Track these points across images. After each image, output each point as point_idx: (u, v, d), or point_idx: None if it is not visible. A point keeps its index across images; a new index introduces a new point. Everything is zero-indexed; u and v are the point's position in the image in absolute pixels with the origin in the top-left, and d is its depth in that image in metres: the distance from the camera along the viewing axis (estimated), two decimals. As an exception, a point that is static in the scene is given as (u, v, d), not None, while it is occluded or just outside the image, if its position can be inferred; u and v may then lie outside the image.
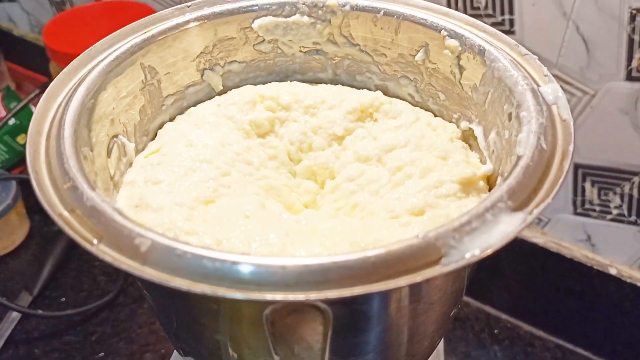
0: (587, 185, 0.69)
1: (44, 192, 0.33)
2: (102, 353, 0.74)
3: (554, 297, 0.77)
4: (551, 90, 0.38)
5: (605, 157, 0.66)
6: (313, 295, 0.27)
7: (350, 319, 0.34)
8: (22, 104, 0.80)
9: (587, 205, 0.71)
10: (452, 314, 0.40)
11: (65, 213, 0.31)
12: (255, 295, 0.28)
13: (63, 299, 0.80)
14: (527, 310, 0.80)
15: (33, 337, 0.75)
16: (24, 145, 0.87)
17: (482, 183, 0.41)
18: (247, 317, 0.34)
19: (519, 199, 0.31)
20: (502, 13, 0.64)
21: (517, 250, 0.76)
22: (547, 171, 0.33)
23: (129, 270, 0.28)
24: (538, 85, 0.39)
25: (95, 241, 0.30)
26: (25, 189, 0.87)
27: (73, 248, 0.86)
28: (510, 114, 0.39)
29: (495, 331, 0.79)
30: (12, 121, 0.86)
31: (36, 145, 0.36)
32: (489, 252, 0.29)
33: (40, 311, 0.76)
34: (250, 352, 0.37)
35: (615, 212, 0.69)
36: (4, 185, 0.83)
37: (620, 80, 0.61)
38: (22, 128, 0.86)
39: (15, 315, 0.76)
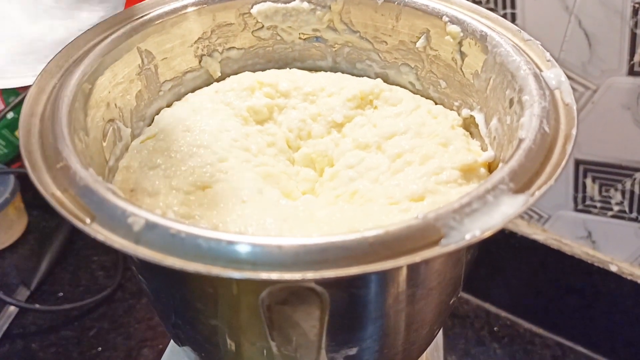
0: (588, 181, 0.69)
1: (37, 172, 0.32)
2: (100, 348, 0.73)
3: (554, 294, 0.77)
4: (554, 75, 0.38)
5: (606, 153, 0.66)
6: (309, 275, 0.27)
7: (347, 304, 0.33)
8: (20, 98, 0.80)
9: (588, 202, 0.71)
10: (451, 302, 0.40)
11: (58, 192, 0.31)
12: (250, 274, 0.27)
13: (60, 294, 0.79)
14: (527, 307, 0.80)
15: (30, 331, 0.75)
16: (23, 140, 0.86)
17: (483, 170, 0.40)
18: (243, 301, 0.33)
19: (521, 181, 0.31)
20: (504, 7, 0.64)
21: (518, 247, 0.75)
22: (550, 154, 0.33)
23: (122, 249, 0.28)
24: (541, 70, 0.38)
25: (88, 220, 0.29)
26: (24, 183, 0.87)
27: (71, 243, 0.86)
28: (512, 99, 0.38)
29: (495, 328, 0.79)
30: (10, 115, 0.85)
31: (29, 126, 0.35)
32: (489, 233, 0.28)
33: (37, 305, 0.75)
34: (246, 338, 0.36)
35: (616, 208, 0.69)
36: (3, 179, 0.82)
37: (623, 75, 0.61)
38: (21, 122, 0.86)
39: (12, 310, 0.76)
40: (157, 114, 0.45)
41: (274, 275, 0.27)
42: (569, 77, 0.63)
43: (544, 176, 0.32)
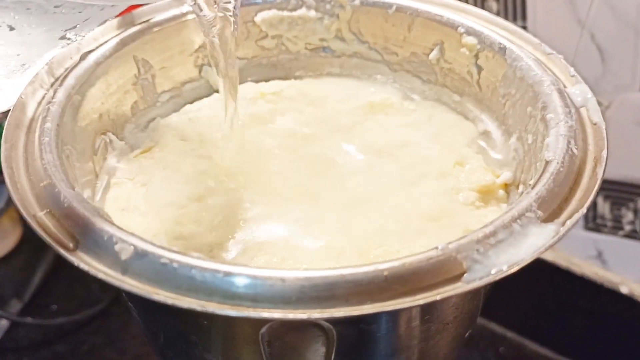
0: (599, 199, 0.68)
1: (18, 191, 0.29)
2: (93, 364, 0.72)
3: (562, 315, 0.75)
4: (579, 91, 0.36)
5: (618, 170, 0.65)
6: (316, 315, 0.24)
7: (356, 340, 0.31)
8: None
9: (598, 220, 0.70)
10: (466, 334, 0.37)
11: (40, 214, 0.28)
12: (250, 312, 0.24)
13: (54, 307, 0.78)
14: (534, 328, 0.78)
15: (22, 345, 0.74)
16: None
17: (501, 192, 0.38)
18: (241, 335, 0.31)
19: (550, 208, 0.29)
20: (515, 19, 0.62)
21: (525, 265, 0.74)
22: (579, 179, 0.31)
23: (108, 280, 0.25)
24: (565, 87, 0.36)
25: (71, 246, 0.27)
26: (20, 192, 0.85)
27: (67, 254, 0.84)
28: (534, 117, 0.36)
29: (501, 349, 0.77)
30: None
31: (14, 140, 0.33)
32: (516, 268, 0.27)
33: (29, 319, 0.74)
34: (244, 374, 0.33)
35: (627, 227, 0.68)
36: (-3, 188, 0.81)
37: (636, 91, 0.60)
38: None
39: (4, 323, 0.74)
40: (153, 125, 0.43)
41: (277, 314, 0.24)
42: (580, 93, 0.63)
43: (574, 203, 0.29)
